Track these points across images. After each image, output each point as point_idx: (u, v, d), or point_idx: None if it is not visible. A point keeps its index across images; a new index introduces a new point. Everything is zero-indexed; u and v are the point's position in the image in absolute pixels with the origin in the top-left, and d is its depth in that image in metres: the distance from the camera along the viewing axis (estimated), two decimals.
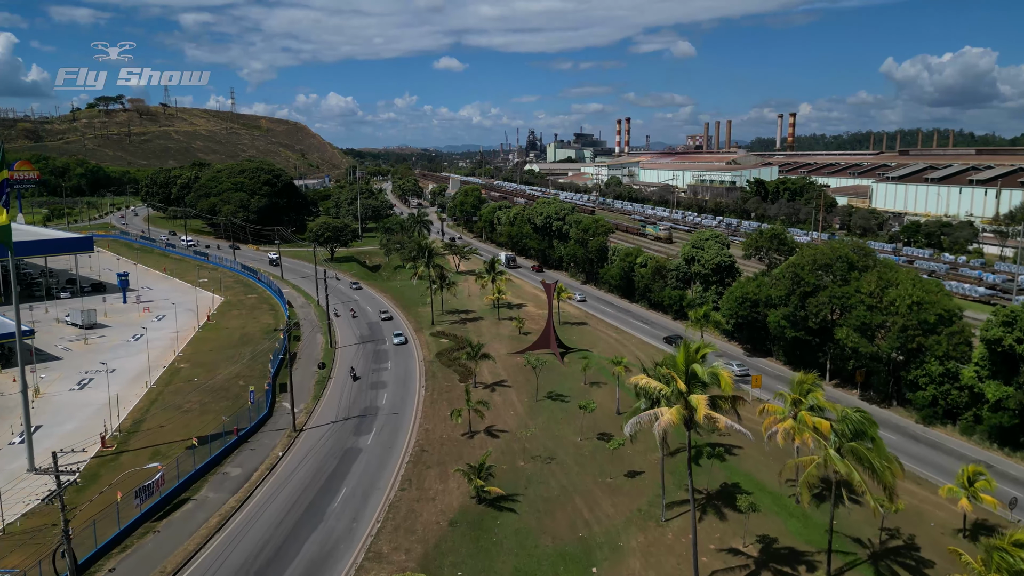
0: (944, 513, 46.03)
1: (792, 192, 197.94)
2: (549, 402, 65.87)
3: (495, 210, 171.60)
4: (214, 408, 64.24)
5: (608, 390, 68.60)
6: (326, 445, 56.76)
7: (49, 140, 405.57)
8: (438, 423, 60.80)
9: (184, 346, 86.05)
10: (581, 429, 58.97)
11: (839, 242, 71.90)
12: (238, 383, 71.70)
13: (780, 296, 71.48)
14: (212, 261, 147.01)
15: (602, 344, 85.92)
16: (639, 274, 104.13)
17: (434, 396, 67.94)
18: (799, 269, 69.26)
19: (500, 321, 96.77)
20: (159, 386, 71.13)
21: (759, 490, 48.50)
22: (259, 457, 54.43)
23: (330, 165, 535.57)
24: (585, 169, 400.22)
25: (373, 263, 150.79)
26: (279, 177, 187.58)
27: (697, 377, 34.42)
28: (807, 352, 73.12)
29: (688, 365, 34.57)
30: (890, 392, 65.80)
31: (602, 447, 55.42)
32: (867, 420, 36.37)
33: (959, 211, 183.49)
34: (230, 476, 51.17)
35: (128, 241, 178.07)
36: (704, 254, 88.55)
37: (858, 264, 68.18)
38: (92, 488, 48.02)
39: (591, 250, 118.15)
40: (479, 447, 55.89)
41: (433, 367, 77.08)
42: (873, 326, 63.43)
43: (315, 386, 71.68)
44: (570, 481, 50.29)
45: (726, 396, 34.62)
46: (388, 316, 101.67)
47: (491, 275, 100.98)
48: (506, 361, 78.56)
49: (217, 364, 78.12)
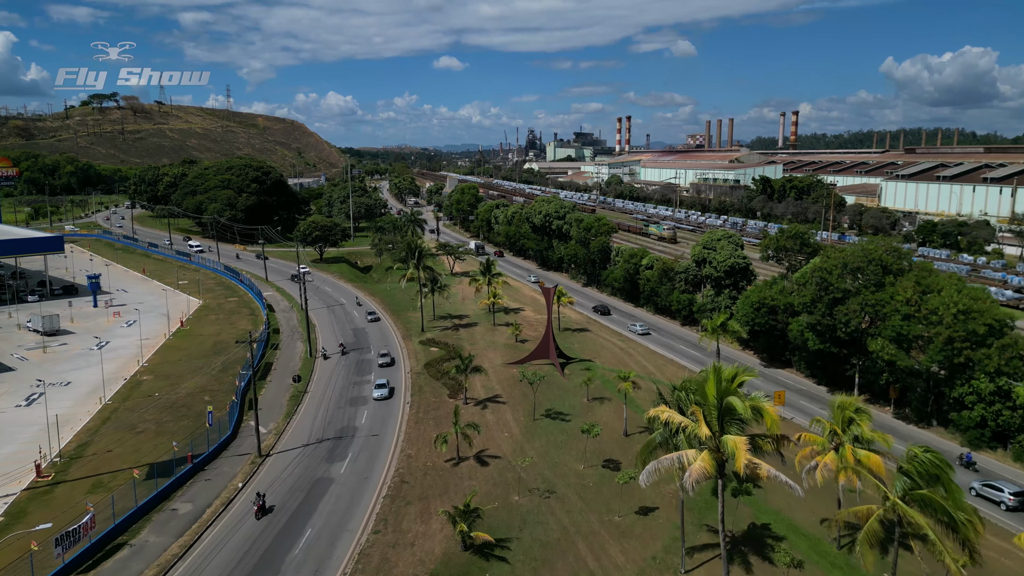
0: (1015, 563, 39.02)
1: (799, 190, 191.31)
2: (548, 422, 58.89)
3: (492, 209, 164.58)
4: (172, 428, 57.23)
5: (614, 408, 61.64)
6: (294, 473, 49.74)
7: (41, 138, 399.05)
8: (422, 447, 53.79)
9: (151, 355, 79.03)
10: (584, 455, 52.02)
11: (870, 243, 64.98)
12: (203, 398, 64.72)
13: (804, 303, 64.51)
14: (195, 262, 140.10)
15: (606, 353, 78.97)
16: (645, 276, 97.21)
17: (419, 414, 60.91)
18: (826, 273, 62.28)
19: (495, 327, 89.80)
20: (115, 402, 64.09)
21: (793, 532, 41.54)
22: (215, 489, 47.41)
23: (327, 164, 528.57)
24: (585, 168, 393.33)
25: (365, 264, 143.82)
26: (268, 174, 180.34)
27: (734, 413, 27.42)
28: (833, 364, 66.19)
29: (722, 397, 27.58)
30: (929, 411, 58.87)
31: (608, 477, 48.47)
32: (941, 463, 29.46)
33: (973, 210, 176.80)
34: (178, 514, 44.15)
35: (111, 241, 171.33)
36: (717, 255, 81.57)
37: (892, 267, 61.22)
38: (17, 526, 41.05)
39: (593, 251, 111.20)
40: (468, 477, 48.91)
41: (420, 380, 70.06)
42: (911, 337, 56.53)
43: (289, 402, 64.64)
44: (572, 520, 43.33)
45: (770, 436, 27.60)
46: (375, 317, 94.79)
47: (486, 277, 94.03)
48: (501, 373, 71.60)
49: (184, 376, 71.10)
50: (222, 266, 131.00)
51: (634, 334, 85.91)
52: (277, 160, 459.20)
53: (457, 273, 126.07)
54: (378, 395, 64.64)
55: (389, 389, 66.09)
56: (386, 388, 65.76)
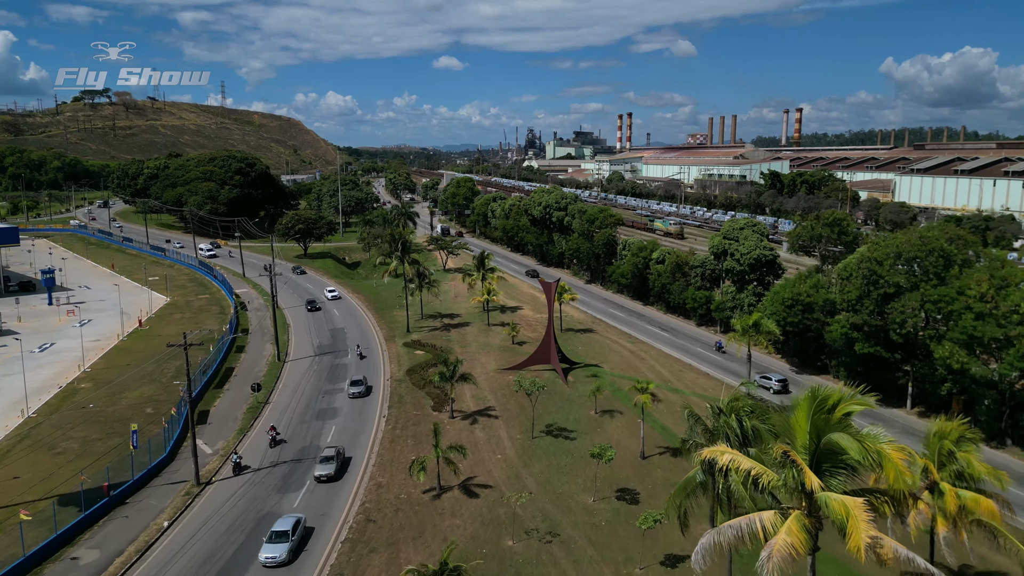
0: None
1: (810, 185, 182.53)
2: (549, 440, 49.47)
3: (489, 202, 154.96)
4: (99, 449, 47.82)
5: (627, 422, 52.24)
6: (236, 508, 40.31)
7: (30, 134, 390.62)
8: (396, 473, 44.33)
9: (98, 359, 69.61)
10: (594, 483, 42.63)
11: (930, 228, 55.73)
12: (146, 410, 55.32)
13: (849, 299, 55.13)
14: (169, 257, 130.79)
15: (614, 357, 69.59)
16: (655, 271, 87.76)
17: (397, 431, 51.43)
18: (876, 264, 52.90)
19: (490, 327, 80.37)
20: (41, 415, 54.64)
21: None
22: (133, 530, 37.97)
23: (323, 161, 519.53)
24: (586, 165, 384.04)
25: (353, 260, 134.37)
26: (253, 166, 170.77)
27: (839, 457, 18.04)
28: (881, 371, 56.66)
29: (818, 436, 18.18)
30: (1003, 428, 49.53)
31: (624, 513, 39.10)
32: None
33: (994, 205, 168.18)
34: (79, 565, 34.72)
35: (86, 235, 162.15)
36: (740, 247, 72.12)
37: (956, 258, 51.88)
38: None
39: (597, 244, 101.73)
40: (450, 513, 39.48)
41: (401, 388, 60.56)
42: (986, 340, 47.22)
43: (245, 415, 55.18)
44: (581, 574, 33.93)
45: (895, 494, 18.21)
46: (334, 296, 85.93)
47: (480, 272, 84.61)
48: (494, 380, 62.18)
49: (129, 384, 61.64)
50: (197, 262, 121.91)
51: None
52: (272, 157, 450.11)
53: (451, 269, 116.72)
54: (353, 392, 58.69)
55: (366, 387, 59.94)
56: (362, 386, 59.63)
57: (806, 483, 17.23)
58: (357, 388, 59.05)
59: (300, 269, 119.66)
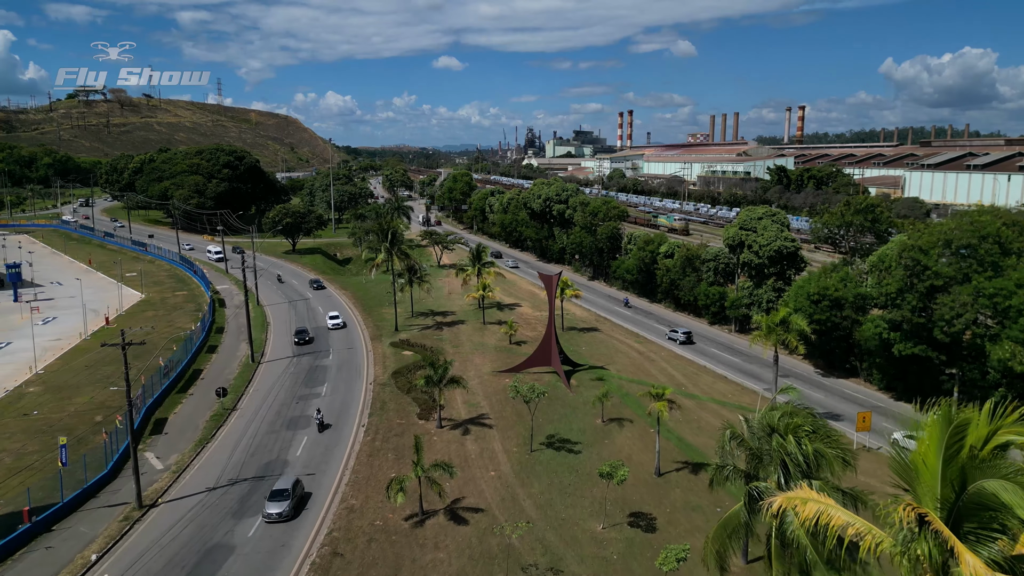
0: None
1: (818, 180, 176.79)
2: (550, 454, 43.30)
3: (487, 196, 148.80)
4: (35, 463, 41.65)
5: (638, 433, 46.11)
6: (180, 538, 34.08)
7: (23, 131, 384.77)
8: (372, 495, 38.12)
9: (54, 360, 63.43)
10: (603, 506, 36.49)
11: (981, 213, 49.67)
12: (95, 418, 49.15)
13: (887, 293, 49.01)
14: (150, 252, 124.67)
15: (621, 358, 63.44)
16: (663, 266, 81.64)
17: (376, 443, 45.20)
18: (920, 254, 46.79)
19: (486, 326, 74.20)
20: None
21: None
22: (54, 565, 31.78)
23: (321, 159, 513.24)
24: (586, 163, 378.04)
25: (344, 256, 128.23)
26: (242, 160, 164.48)
27: (991, 510, 11.93)
28: (921, 374, 50.57)
29: (962, 483, 12.06)
30: None
31: (639, 544, 32.97)
32: None
33: (1008, 200, 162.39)
34: None
35: (67, 231, 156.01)
36: (758, 238, 65.93)
37: (1012, 247, 45.82)
38: None
39: (600, 238, 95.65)
40: (434, 545, 33.31)
41: (384, 393, 54.33)
42: None
43: (207, 424, 48.95)
44: None
45: None
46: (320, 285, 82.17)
47: (475, 267, 78.50)
48: (489, 384, 56.01)
49: (82, 387, 55.54)
50: (178, 257, 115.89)
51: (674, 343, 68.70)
52: (269, 155, 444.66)
53: (446, 265, 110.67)
54: (332, 324, 71.04)
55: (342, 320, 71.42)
56: (339, 319, 71.47)
57: (963, 569, 10.96)
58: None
59: (318, 283, 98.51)
